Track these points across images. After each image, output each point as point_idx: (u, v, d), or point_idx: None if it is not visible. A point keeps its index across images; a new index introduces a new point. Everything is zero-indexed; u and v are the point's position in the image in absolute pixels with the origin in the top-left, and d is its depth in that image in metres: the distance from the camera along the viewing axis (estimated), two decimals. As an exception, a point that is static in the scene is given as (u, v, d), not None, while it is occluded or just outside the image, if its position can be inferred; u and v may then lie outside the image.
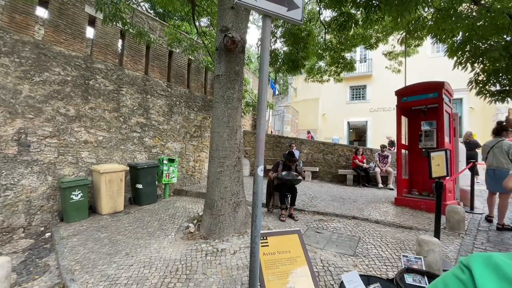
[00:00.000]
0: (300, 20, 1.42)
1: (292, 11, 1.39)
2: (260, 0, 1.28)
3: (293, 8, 1.38)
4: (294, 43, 5.55)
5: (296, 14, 1.40)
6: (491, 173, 4.37)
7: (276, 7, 1.34)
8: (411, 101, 5.57)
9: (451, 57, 3.74)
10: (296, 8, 1.39)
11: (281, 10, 1.35)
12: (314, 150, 9.01)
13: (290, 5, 1.37)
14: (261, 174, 1.30)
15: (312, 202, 5.74)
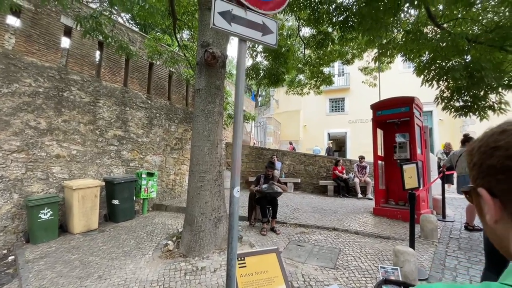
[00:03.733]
0: (275, 45, 1.48)
1: (267, 36, 1.45)
2: (236, 25, 1.33)
3: (268, 33, 1.44)
4: (275, 58, 5.71)
5: (271, 39, 1.46)
6: (461, 180, 4.66)
7: (251, 32, 1.39)
8: (385, 114, 5.86)
9: (419, 75, 4.02)
10: (270, 33, 1.46)
11: (256, 35, 1.41)
12: (296, 162, 9.13)
13: (265, 31, 1.43)
14: (237, 195, 1.29)
15: (294, 214, 5.76)
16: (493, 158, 0.42)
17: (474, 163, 0.46)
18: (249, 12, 1.37)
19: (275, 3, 1.47)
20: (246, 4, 1.34)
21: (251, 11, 1.38)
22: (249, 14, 1.38)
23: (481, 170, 0.45)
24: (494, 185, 0.42)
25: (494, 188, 0.43)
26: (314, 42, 5.23)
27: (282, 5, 1.50)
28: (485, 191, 0.44)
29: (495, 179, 0.42)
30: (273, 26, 1.48)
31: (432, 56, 3.94)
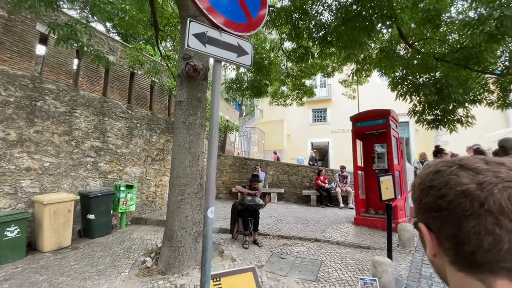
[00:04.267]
0: (250, 65, 1.51)
1: (242, 57, 1.48)
2: (210, 47, 1.35)
3: (243, 54, 1.48)
4: (258, 71, 5.81)
5: (246, 59, 1.50)
6: (435, 189, 4.86)
7: (227, 53, 1.42)
8: (364, 126, 6.08)
9: (393, 90, 4.23)
10: (246, 55, 1.49)
11: (231, 56, 1.44)
12: (279, 172, 9.19)
13: (240, 52, 1.46)
14: (211, 216, 1.28)
15: (277, 226, 5.75)
16: (428, 196, 0.45)
17: (415, 198, 0.49)
18: (224, 34, 1.41)
19: (250, 25, 1.51)
20: (221, 26, 1.38)
21: (226, 33, 1.42)
22: (224, 36, 1.41)
23: (420, 207, 0.48)
24: (430, 222, 0.45)
25: (430, 224, 0.45)
26: (295, 56, 5.39)
27: (257, 27, 1.54)
28: (424, 226, 0.46)
29: (431, 216, 0.45)
30: (248, 48, 1.51)
31: (405, 73, 4.17)
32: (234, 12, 1.44)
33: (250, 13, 1.52)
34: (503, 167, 0.41)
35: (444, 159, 0.50)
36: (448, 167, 0.46)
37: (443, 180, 0.44)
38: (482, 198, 0.38)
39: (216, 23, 1.36)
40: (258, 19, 1.55)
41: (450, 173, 0.44)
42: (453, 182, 0.42)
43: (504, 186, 0.38)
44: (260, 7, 1.56)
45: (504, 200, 0.37)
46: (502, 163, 0.43)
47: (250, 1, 1.53)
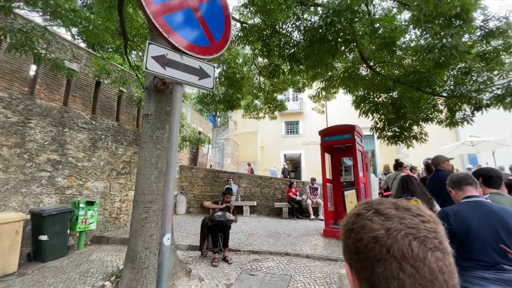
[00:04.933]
0: (212, 88, 1.52)
1: (204, 79, 1.49)
2: (170, 69, 1.34)
3: (205, 77, 1.49)
4: (230, 85, 5.86)
5: (208, 82, 1.51)
6: (396, 201, 5.17)
7: (187, 76, 1.41)
8: (331, 140, 6.35)
9: (356, 108, 4.51)
10: (207, 77, 1.50)
11: (192, 79, 1.44)
12: (252, 184, 9.18)
13: (202, 75, 1.47)
14: (167, 244, 1.22)
15: (249, 240, 5.68)
16: (350, 239, 0.49)
17: (342, 238, 0.52)
18: (185, 57, 1.41)
19: (213, 48, 1.54)
20: (182, 49, 1.38)
21: (187, 56, 1.42)
22: (186, 59, 1.41)
23: (344, 248, 0.51)
24: (352, 263, 0.48)
25: (352, 265, 0.48)
26: (266, 72, 5.53)
27: (220, 50, 1.57)
28: (348, 266, 0.49)
29: (352, 258, 0.48)
30: (210, 71, 1.53)
31: (366, 92, 4.48)
32: (196, 35, 1.46)
33: (213, 36, 1.54)
34: (408, 213, 0.46)
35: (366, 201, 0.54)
36: (366, 210, 0.50)
37: (360, 225, 0.47)
38: (389, 244, 0.42)
39: (177, 46, 1.36)
40: (222, 42, 1.58)
41: (366, 217, 0.48)
42: (367, 227, 0.46)
43: (406, 233, 0.43)
44: (224, 30, 1.60)
45: (405, 246, 0.41)
46: (408, 208, 0.47)
47: (214, 25, 1.56)
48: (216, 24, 1.58)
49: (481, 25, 4.33)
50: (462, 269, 1.72)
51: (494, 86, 4.03)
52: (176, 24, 1.38)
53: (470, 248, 1.68)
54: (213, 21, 1.58)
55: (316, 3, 4.33)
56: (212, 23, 1.56)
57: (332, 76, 5.48)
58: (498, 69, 4.17)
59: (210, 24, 1.54)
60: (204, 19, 1.52)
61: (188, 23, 1.44)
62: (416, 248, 0.41)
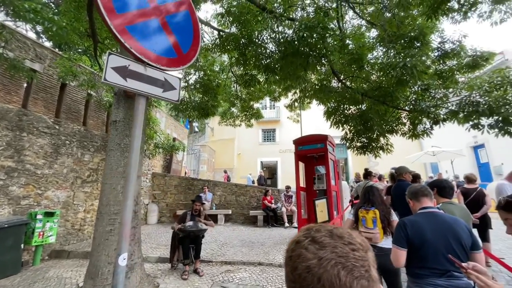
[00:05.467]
0: (177, 101, 1.50)
1: (169, 92, 1.46)
2: (132, 81, 1.30)
3: (170, 89, 1.46)
4: (205, 92, 5.80)
5: (173, 95, 1.48)
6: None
7: (151, 88, 1.38)
8: (305, 149, 6.48)
9: (328, 119, 4.68)
10: (173, 90, 1.48)
11: (155, 91, 1.40)
12: (227, 192, 9.08)
13: (167, 87, 1.44)
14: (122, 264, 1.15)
15: (222, 250, 5.57)
16: (288, 267, 0.51)
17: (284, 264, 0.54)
18: (149, 68, 1.37)
19: (180, 60, 1.51)
20: (146, 61, 1.34)
21: (152, 68, 1.38)
22: (150, 71, 1.37)
23: (285, 274, 0.52)
24: None
25: None
26: (242, 81, 5.57)
27: (188, 62, 1.55)
28: None
29: (290, 285, 0.49)
30: (176, 83, 1.50)
31: (337, 104, 4.68)
32: (162, 47, 1.43)
33: (180, 48, 1.52)
34: (341, 242, 0.49)
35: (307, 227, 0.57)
36: (305, 238, 0.52)
37: (297, 253, 0.49)
38: (319, 274, 0.44)
39: (140, 57, 1.32)
40: (190, 54, 1.56)
41: (302, 246, 0.50)
42: (302, 256, 0.48)
43: (336, 262, 0.45)
44: (193, 42, 1.59)
45: (334, 276, 0.43)
46: (341, 236, 0.50)
47: (182, 36, 1.55)
48: (184, 36, 1.56)
49: (438, 47, 4.75)
50: (418, 276, 1.83)
51: (449, 102, 4.41)
52: (140, 35, 1.34)
53: (425, 256, 1.79)
54: (181, 32, 1.56)
55: (290, 17, 4.48)
56: (180, 34, 1.54)
57: (306, 88, 5.66)
58: (452, 87, 4.58)
59: (178, 35, 1.52)
60: (171, 30, 1.49)
61: (154, 34, 1.41)
62: (344, 277, 0.43)
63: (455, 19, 4.91)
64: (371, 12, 5.28)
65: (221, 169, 15.90)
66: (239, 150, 17.95)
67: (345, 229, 0.55)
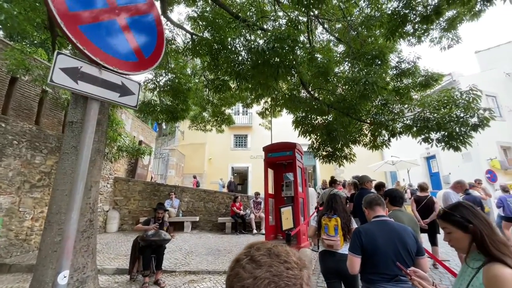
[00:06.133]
0: (135, 106, 1.43)
1: (126, 97, 1.39)
2: (84, 83, 1.21)
3: (128, 94, 1.39)
4: (174, 96, 5.64)
5: (131, 100, 1.41)
6: (330, 215, 5.60)
7: (105, 92, 1.30)
8: (274, 157, 6.59)
9: (296, 128, 4.82)
10: (131, 95, 1.41)
11: (110, 95, 1.32)
12: (195, 198, 8.84)
13: (124, 92, 1.37)
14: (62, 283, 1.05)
15: (186, 259, 5.38)
16: (228, 281, 0.51)
17: None
18: (104, 72, 1.30)
19: (141, 64, 1.45)
20: (101, 63, 1.27)
21: (108, 71, 1.31)
22: (105, 74, 1.30)
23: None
24: None
25: None
26: (213, 86, 5.53)
27: (149, 66, 1.49)
28: None
29: None
30: (135, 88, 1.44)
31: (305, 114, 4.84)
32: (120, 50, 1.36)
33: (141, 52, 1.46)
34: (277, 260, 0.50)
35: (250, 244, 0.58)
36: (245, 256, 0.53)
37: (235, 273, 0.50)
38: None
39: (94, 59, 1.24)
40: (152, 58, 1.50)
41: (241, 265, 0.51)
42: (239, 276, 0.49)
43: (269, 281, 0.46)
44: (156, 46, 1.54)
45: None
46: (278, 255, 0.52)
47: (143, 40, 1.48)
48: (146, 40, 1.50)
49: (396, 66, 5.18)
50: (370, 282, 1.93)
51: (405, 117, 4.80)
52: (95, 36, 1.25)
53: (377, 262, 1.90)
54: (144, 36, 1.50)
55: (262, 27, 4.57)
56: (141, 38, 1.48)
57: (277, 96, 5.78)
58: (408, 103, 5.01)
59: (139, 39, 1.46)
60: (133, 33, 1.43)
61: (112, 36, 1.33)
62: None
63: (411, 42, 5.42)
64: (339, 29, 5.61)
65: (191, 174, 15.49)
66: (210, 155, 17.68)
67: (284, 247, 0.57)
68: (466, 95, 4.10)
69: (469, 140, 4.00)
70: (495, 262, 1.03)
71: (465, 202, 1.28)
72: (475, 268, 1.10)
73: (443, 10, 3.91)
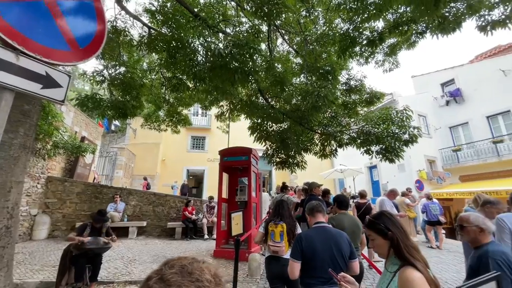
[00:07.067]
0: (62, 101, 1.27)
1: (51, 89, 1.22)
2: (-7, 69, 1.03)
3: (53, 86, 1.22)
4: (124, 91, 5.23)
5: (57, 93, 1.24)
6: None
7: (22, 82, 1.12)
8: (230, 161, 6.57)
9: (251, 134, 4.87)
10: (57, 87, 1.24)
11: (30, 86, 1.15)
12: (144, 202, 8.28)
13: (48, 83, 1.20)
14: None
15: (128, 268, 4.97)
16: None
17: None
18: (23, 58, 1.12)
19: (74, 55, 1.29)
20: (19, 48, 1.09)
21: (27, 58, 1.13)
22: (24, 61, 1.12)
23: None
24: None
25: None
26: (170, 84, 5.30)
27: (84, 59, 1.34)
28: None
29: None
30: (63, 80, 1.27)
31: (262, 120, 4.94)
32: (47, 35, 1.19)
33: (76, 41, 1.30)
34: (188, 279, 0.49)
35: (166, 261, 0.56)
36: (156, 275, 0.51)
37: None
38: None
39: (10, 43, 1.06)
40: (89, 50, 1.35)
41: (148, 284, 0.48)
42: None
43: None
44: (94, 37, 1.39)
45: None
46: (192, 272, 0.51)
47: (79, 28, 1.33)
48: (83, 28, 1.35)
49: (346, 82, 5.64)
50: (308, 285, 2.03)
51: (351, 130, 5.23)
52: (14, 17, 1.08)
53: (314, 266, 2.01)
54: (80, 24, 1.34)
55: (223, 30, 4.56)
56: (77, 25, 1.32)
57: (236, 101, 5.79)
58: (354, 117, 5.47)
59: (74, 26, 1.30)
60: (65, 18, 1.27)
61: (36, 19, 1.16)
62: None
63: (360, 62, 5.96)
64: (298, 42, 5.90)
65: (141, 176, 14.49)
66: (164, 156, 16.82)
67: (201, 263, 0.55)
68: (400, 114, 4.65)
69: (401, 153, 4.54)
70: (408, 266, 1.16)
71: (387, 211, 1.43)
72: (392, 272, 1.22)
73: (385, 37, 4.39)
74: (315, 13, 5.23)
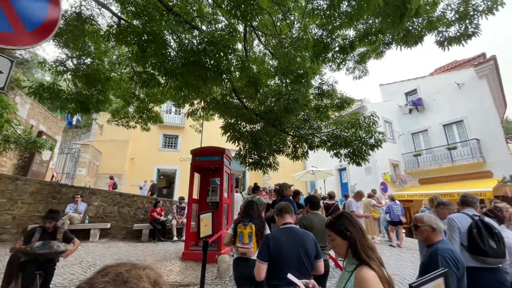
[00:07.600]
0: (2, 88, 1.13)
1: (-12, 75, 1.08)
2: None
3: (-11, 71, 1.09)
4: (88, 83, 4.87)
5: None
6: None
7: (-51, 65, 0.98)
8: (202, 161, 6.43)
9: (224, 134, 4.81)
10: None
11: (-42, 70, 1.01)
12: (108, 203, 7.80)
13: (-15, 68, 1.07)
14: None
15: (87, 274, 4.63)
16: None
17: None
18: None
19: (18, 38, 1.14)
20: None
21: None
22: (-49, 40, 0.97)
23: None
24: None
25: None
26: (140, 79, 5.04)
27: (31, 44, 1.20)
28: None
29: None
30: (3, 65, 1.13)
31: (235, 120, 4.90)
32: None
33: (22, 23, 1.17)
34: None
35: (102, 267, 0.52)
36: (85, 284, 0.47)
37: None
38: None
39: None
40: (37, 34, 1.21)
41: None
42: None
43: None
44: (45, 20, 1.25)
45: None
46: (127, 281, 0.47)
47: (27, 9, 1.19)
48: (32, 11, 1.21)
49: (318, 86, 5.80)
50: (273, 287, 2.03)
51: (322, 133, 5.39)
52: None
53: (280, 267, 2.01)
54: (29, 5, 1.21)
55: (198, 27, 4.44)
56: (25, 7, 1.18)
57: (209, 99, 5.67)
58: (325, 121, 5.64)
59: (19, 6, 1.17)
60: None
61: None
62: None
63: (332, 67, 6.17)
64: (274, 44, 5.95)
65: (107, 175, 13.65)
66: (133, 154, 16.04)
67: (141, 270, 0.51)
68: (368, 119, 4.88)
69: (367, 157, 4.76)
70: (363, 266, 1.20)
71: (347, 212, 1.47)
72: (350, 271, 1.26)
73: (356, 45, 4.59)
74: (291, 17, 5.31)
